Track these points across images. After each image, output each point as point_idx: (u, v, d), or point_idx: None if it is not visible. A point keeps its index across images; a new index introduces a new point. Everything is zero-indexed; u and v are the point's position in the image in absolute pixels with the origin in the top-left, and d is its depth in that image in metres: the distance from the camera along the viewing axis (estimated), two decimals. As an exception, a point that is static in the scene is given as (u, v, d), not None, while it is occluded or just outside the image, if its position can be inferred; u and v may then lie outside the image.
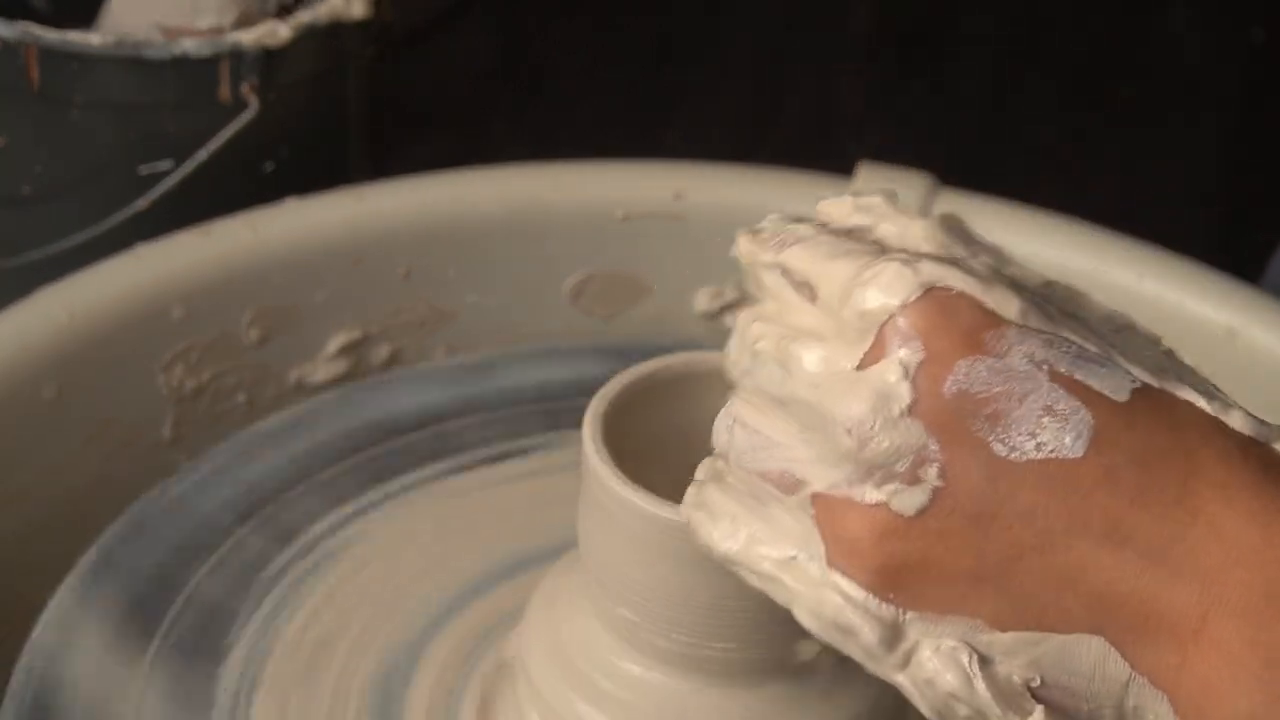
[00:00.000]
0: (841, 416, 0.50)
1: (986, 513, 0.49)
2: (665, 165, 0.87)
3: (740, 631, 0.58)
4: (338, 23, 0.87)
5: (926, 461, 0.49)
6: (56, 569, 0.70)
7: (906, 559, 0.50)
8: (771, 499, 0.52)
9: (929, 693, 0.50)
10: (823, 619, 0.51)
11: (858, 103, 1.38)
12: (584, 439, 0.58)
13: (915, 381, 0.49)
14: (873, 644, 0.50)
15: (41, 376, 0.77)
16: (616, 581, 0.59)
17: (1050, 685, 0.50)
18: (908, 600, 0.50)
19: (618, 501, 0.57)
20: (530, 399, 0.78)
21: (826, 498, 0.51)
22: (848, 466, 0.50)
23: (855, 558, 0.50)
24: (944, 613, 0.50)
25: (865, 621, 0.50)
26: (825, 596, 0.51)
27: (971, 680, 0.50)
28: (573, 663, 0.61)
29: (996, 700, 0.50)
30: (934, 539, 0.49)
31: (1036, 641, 0.50)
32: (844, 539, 0.50)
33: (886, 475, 0.50)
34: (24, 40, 0.84)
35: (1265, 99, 1.41)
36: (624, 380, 0.60)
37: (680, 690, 0.60)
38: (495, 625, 0.67)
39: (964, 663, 0.50)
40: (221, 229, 0.82)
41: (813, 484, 0.51)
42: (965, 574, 0.49)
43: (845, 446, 0.50)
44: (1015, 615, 0.50)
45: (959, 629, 0.50)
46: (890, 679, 0.51)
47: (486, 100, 1.32)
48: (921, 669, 0.50)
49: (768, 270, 0.54)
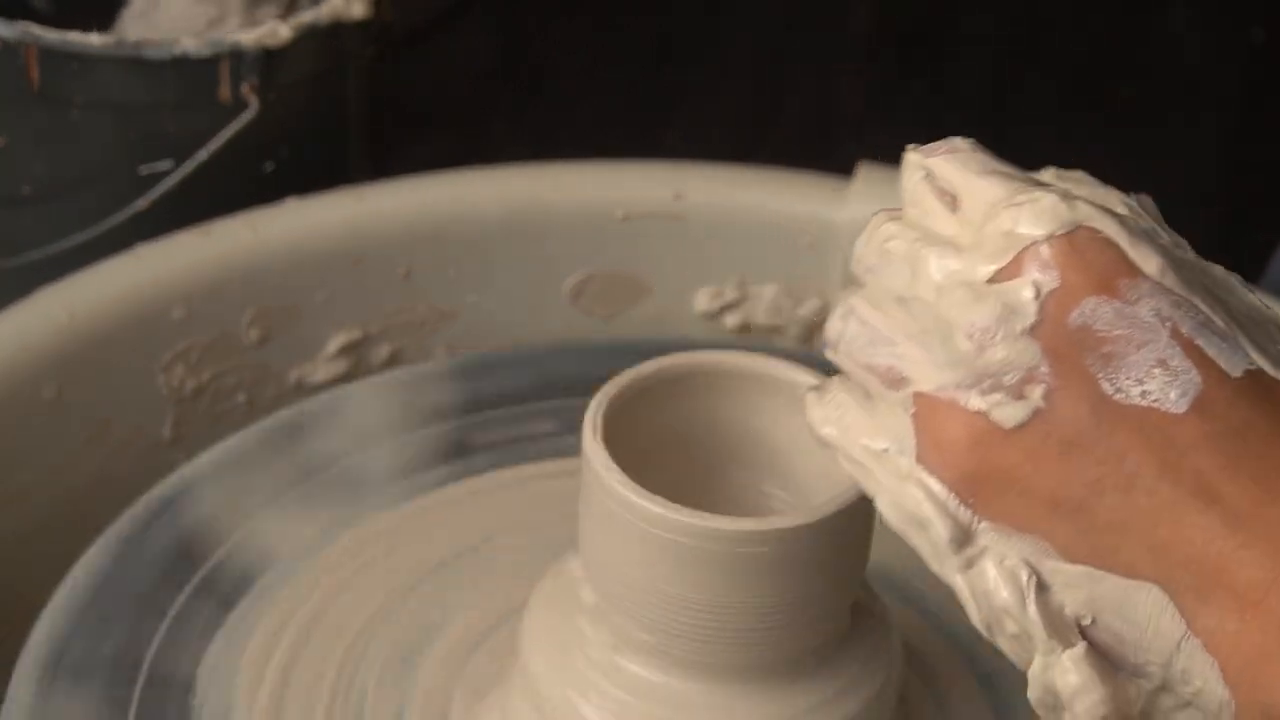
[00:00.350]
0: (964, 321, 0.52)
1: (1080, 443, 0.50)
2: (665, 165, 0.87)
3: (741, 631, 0.58)
4: (338, 23, 0.87)
5: (1035, 381, 0.51)
6: (56, 569, 0.70)
7: (993, 469, 0.51)
8: (875, 392, 0.54)
9: (983, 603, 0.52)
10: (901, 511, 0.53)
11: (858, 103, 1.38)
12: (584, 439, 0.58)
13: (1043, 305, 0.51)
14: (942, 542, 0.52)
15: (41, 376, 0.77)
16: (616, 581, 0.59)
17: (1101, 627, 0.51)
18: (985, 510, 0.51)
19: (618, 501, 0.57)
20: (530, 399, 0.78)
21: (930, 398, 0.52)
22: (959, 371, 0.52)
23: (946, 458, 0.52)
24: (1016, 530, 0.51)
25: (941, 519, 0.52)
26: (908, 490, 0.52)
27: (1025, 600, 0.51)
28: (573, 663, 0.61)
29: (1044, 625, 0.51)
30: (1024, 456, 0.51)
31: (1097, 579, 0.51)
32: (939, 439, 0.52)
33: (994, 385, 0.51)
34: (24, 40, 0.84)
35: (1265, 99, 1.41)
36: (624, 380, 0.60)
37: (680, 690, 0.60)
38: (495, 625, 0.67)
39: (1022, 581, 0.51)
40: (221, 229, 0.82)
41: (918, 383, 0.53)
42: (1045, 497, 0.51)
43: (962, 350, 0.52)
44: (1084, 548, 0.51)
45: (1026, 549, 0.51)
46: (949, 580, 0.52)
47: (486, 100, 1.32)
48: (982, 578, 0.52)
49: (914, 172, 0.56)
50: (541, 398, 0.78)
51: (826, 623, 0.60)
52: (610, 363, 0.64)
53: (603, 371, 0.61)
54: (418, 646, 0.67)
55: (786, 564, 0.57)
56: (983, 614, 0.52)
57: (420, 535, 0.72)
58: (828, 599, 0.59)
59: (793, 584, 0.58)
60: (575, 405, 0.61)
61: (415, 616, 0.68)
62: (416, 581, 0.70)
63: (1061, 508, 0.51)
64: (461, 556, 0.71)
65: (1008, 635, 0.52)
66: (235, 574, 0.69)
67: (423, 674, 0.66)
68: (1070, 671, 0.51)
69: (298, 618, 0.68)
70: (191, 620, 0.67)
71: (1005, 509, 0.51)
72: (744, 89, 1.39)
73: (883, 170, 0.86)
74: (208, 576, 0.69)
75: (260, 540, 0.71)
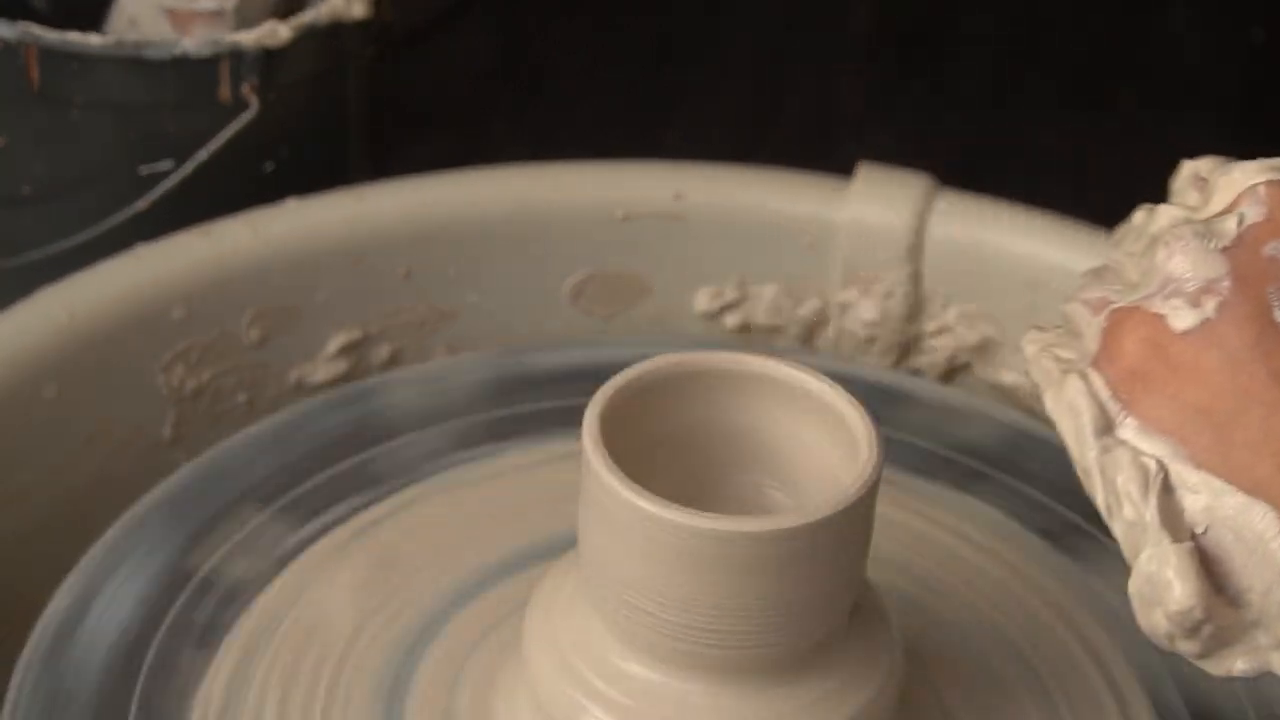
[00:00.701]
0: (1164, 230, 0.56)
1: (1238, 359, 0.53)
2: (665, 165, 0.87)
3: (741, 632, 0.58)
4: (338, 23, 0.87)
5: (1213, 293, 0.54)
6: (56, 569, 0.70)
7: (1153, 368, 0.54)
8: (1083, 324, 0.57)
9: (1109, 486, 0.55)
10: (1060, 400, 0.56)
11: (858, 103, 1.38)
12: (584, 439, 0.58)
13: (1243, 232, 0.55)
14: (1088, 428, 0.55)
15: (41, 376, 0.77)
16: (616, 581, 0.59)
17: (1212, 539, 0.53)
18: (1135, 406, 0.55)
19: (618, 501, 0.57)
20: (529, 399, 0.78)
21: (1122, 309, 0.56)
22: (1153, 284, 0.55)
23: (1115, 357, 0.55)
24: (1158, 430, 0.54)
25: (1091, 407, 0.55)
26: (1072, 381, 0.55)
27: (1148, 491, 0.54)
28: (573, 663, 0.61)
29: (1160, 517, 0.53)
30: (1184, 360, 0.54)
31: (1220, 491, 0.53)
32: (1118, 340, 0.55)
33: (1175, 291, 0.55)
34: (24, 40, 0.84)
35: (1265, 99, 1.41)
36: (624, 380, 0.60)
37: (681, 690, 0.60)
38: (495, 624, 0.67)
39: (1150, 471, 0.54)
40: (221, 229, 0.82)
41: (1118, 303, 0.56)
42: (1192, 403, 0.54)
43: (1157, 259, 0.55)
44: (1217, 459, 0.53)
45: (1162, 449, 0.54)
46: (1084, 463, 0.55)
47: (486, 100, 1.32)
48: (1114, 463, 0.55)
49: (1183, 173, 0.62)
50: (540, 397, 0.78)
51: (827, 622, 0.60)
52: (610, 363, 0.64)
53: (603, 371, 0.61)
54: (418, 646, 0.67)
55: (786, 564, 0.57)
56: (1106, 496, 0.55)
57: (419, 533, 0.72)
58: (828, 599, 0.59)
59: (793, 584, 0.58)
60: (573, 405, 0.61)
61: (414, 615, 0.68)
62: (416, 582, 0.70)
63: (1205, 416, 0.53)
64: (460, 558, 0.71)
65: (1124, 520, 0.54)
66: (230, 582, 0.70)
67: (423, 673, 0.66)
68: (1172, 564, 0.53)
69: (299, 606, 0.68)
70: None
71: (1153, 408, 0.54)
72: (744, 89, 1.39)
73: (883, 170, 0.86)
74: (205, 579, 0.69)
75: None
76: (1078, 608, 0.71)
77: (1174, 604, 0.53)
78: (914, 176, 0.86)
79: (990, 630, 0.69)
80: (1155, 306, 0.55)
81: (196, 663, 0.66)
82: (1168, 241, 0.56)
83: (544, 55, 1.37)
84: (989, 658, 0.68)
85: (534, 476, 0.74)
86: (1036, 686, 0.67)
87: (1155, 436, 0.54)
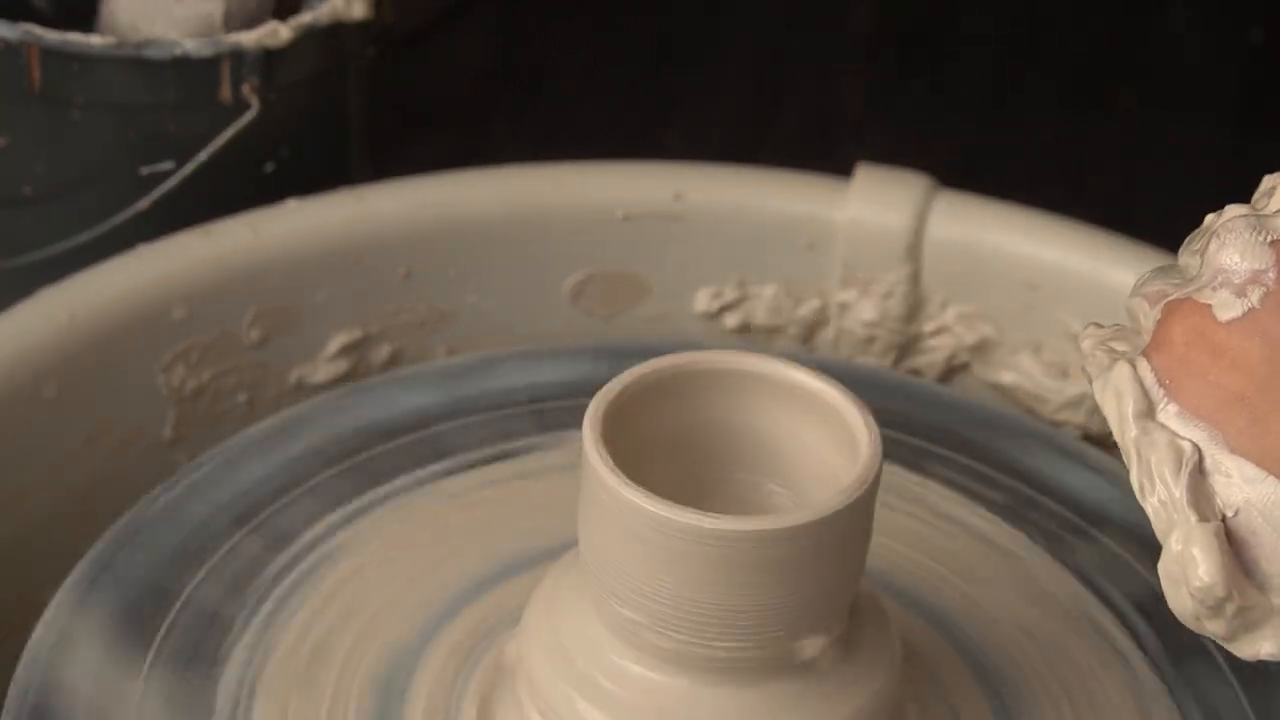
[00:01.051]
0: (1221, 224, 0.56)
1: None
2: (665, 165, 0.87)
3: (741, 631, 0.58)
4: (338, 23, 0.87)
5: (1258, 283, 0.55)
6: (56, 569, 0.70)
7: (1198, 356, 0.55)
8: (1141, 314, 0.58)
9: (1144, 466, 0.55)
10: (1106, 385, 0.56)
11: (858, 103, 1.39)
12: (584, 439, 0.58)
13: None
14: (1128, 409, 0.55)
15: (42, 376, 0.77)
16: (617, 581, 0.59)
17: (1242, 522, 0.54)
18: (1177, 393, 0.55)
19: (618, 501, 0.57)
20: (529, 399, 0.78)
21: (1174, 301, 0.56)
22: (1204, 275, 0.56)
23: (1163, 345, 0.56)
24: (1197, 416, 0.55)
25: (1133, 393, 0.56)
26: (1119, 367, 0.56)
27: (1180, 472, 0.54)
28: (573, 663, 0.61)
29: (1189, 498, 0.54)
30: (1227, 348, 0.55)
31: (1254, 478, 0.54)
32: (1166, 331, 0.56)
33: (1224, 281, 0.55)
34: (25, 41, 0.84)
35: (1265, 99, 1.41)
36: (624, 380, 0.60)
37: (681, 690, 0.60)
38: (495, 626, 0.67)
39: (1185, 453, 0.55)
40: (222, 229, 0.82)
41: (1173, 295, 0.57)
42: (1233, 390, 0.54)
43: (1209, 250, 0.56)
44: (1253, 446, 0.54)
45: (1200, 435, 0.55)
46: (1123, 443, 0.56)
47: (486, 100, 1.32)
48: (1151, 445, 0.55)
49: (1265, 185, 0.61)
50: (540, 398, 0.78)
51: (826, 622, 0.60)
52: (610, 363, 0.64)
53: (602, 372, 0.62)
54: (417, 647, 0.67)
55: (786, 564, 0.57)
56: (1140, 477, 0.55)
57: (418, 535, 0.72)
58: (828, 599, 0.59)
59: (793, 584, 0.58)
60: (574, 406, 0.61)
61: (414, 616, 0.68)
62: (415, 583, 0.70)
63: (1244, 403, 0.54)
64: (460, 558, 0.71)
65: (1156, 500, 0.55)
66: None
67: (422, 675, 0.66)
68: (1197, 542, 0.54)
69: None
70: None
71: (1195, 395, 0.55)
72: (744, 89, 1.39)
73: (882, 170, 0.86)
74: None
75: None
76: (1078, 607, 0.71)
77: (1197, 580, 0.54)
78: (913, 177, 0.86)
79: (991, 628, 0.69)
80: (1204, 296, 0.56)
81: None
82: (1219, 234, 0.56)
83: (544, 55, 1.37)
84: (989, 658, 0.68)
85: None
86: (1038, 685, 0.67)
87: (1194, 422, 0.55)
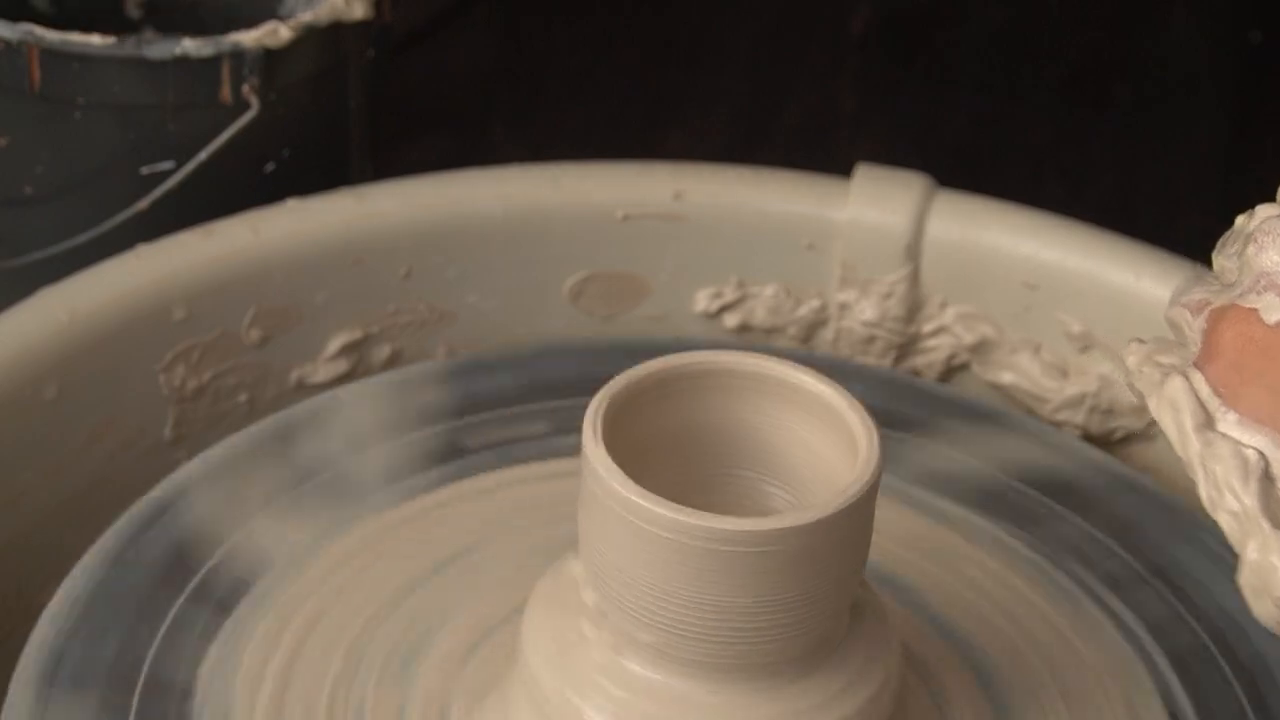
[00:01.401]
0: (1257, 226, 0.57)
1: None
2: (665, 165, 0.87)
3: (741, 631, 0.58)
4: (338, 23, 0.88)
5: None
6: (56, 569, 0.70)
7: (1250, 362, 0.55)
8: (1184, 324, 0.58)
9: (1211, 478, 0.55)
10: (1162, 397, 0.57)
11: (858, 103, 1.38)
12: (584, 438, 0.58)
13: None
14: (1187, 423, 0.56)
15: (42, 376, 0.77)
16: (617, 581, 0.59)
17: None
18: (1234, 401, 0.56)
19: (618, 501, 0.57)
20: (529, 399, 0.78)
21: (1219, 307, 0.57)
22: (1246, 279, 0.56)
23: (1214, 355, 0.56)
24: (1258, 422, 0.55)
25: (1190, 406, 0.56)
26: (1173, 381, 0.56)
27: (1247, 480, 0.54)
28: (573, 663, 0.61)
29: (1260, 506, 0.54)
30: (1278, 352, 0.55)
31: None
32: (1214, 340, 0.56)
33: (1268, 285, 0.55)
34: (26, 41, 0.84)
35: (1265, 99, 1.41)
36: (625, 380, 0.60)
37: (681, 690, 0.60)
38: (495, 625, 0.68)
39: (1250, 461, 0.55)
40: (222, 229, 0.82)
41: (1215, 302, 0.57)
42: None
43: (1248, 254, 0.56)
44: None
45: (1262, 442, 0.55)
46: (1187, 458, 0.56)
47: (486, 100, 1.32)
48: (1215, 456, 0.55)
49: None
50: (540, 398, 0.79)
51: (826, 622, 0.60)
52: (610, 363, 0.64)
53: (602, 371, 0.62)
54: (417, 648, 0.67)
55: (786, 564, 0.57)
56: (1208, 489, 0.55)
57: (417, 537, 0.72)
58: (828, 599, 0.59)
59: (793, 584, 0.58)
60: (573, 406, 0.61)
61: (413, 618, 0.68)
62: (414, 584, 0.70)
63: None
64: (458, 558, 0.71)
65: (1228, 511, 0.55)
66: (232, 578, 0.69)
67: (422, 676, 0.66)
68: (1276, 551, 0.54)
69: (295, 621, 0.68)
70: (190, 625, 0.67)
71: (1253, 401, 0.55)
72: (744, 89, 1.39)
73: (881, 170, 0.86)
74: (204, 580, 0.69)
75: (256, 544, 0.71)
76: (1078, 606, 0.71)
77: (1279, 589, 0.54)
78: (912, 177, 0.86)
79: (989, 629, 0.69)
80: (1249, 302, 0.56)
81: None
82: (1256, 237, 0.56)
83: (544, 55, 1.37)
84: (989, 658, 0.68)
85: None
86: (1037, 687, 0.67)
87: (1255, 428, 0.55)
